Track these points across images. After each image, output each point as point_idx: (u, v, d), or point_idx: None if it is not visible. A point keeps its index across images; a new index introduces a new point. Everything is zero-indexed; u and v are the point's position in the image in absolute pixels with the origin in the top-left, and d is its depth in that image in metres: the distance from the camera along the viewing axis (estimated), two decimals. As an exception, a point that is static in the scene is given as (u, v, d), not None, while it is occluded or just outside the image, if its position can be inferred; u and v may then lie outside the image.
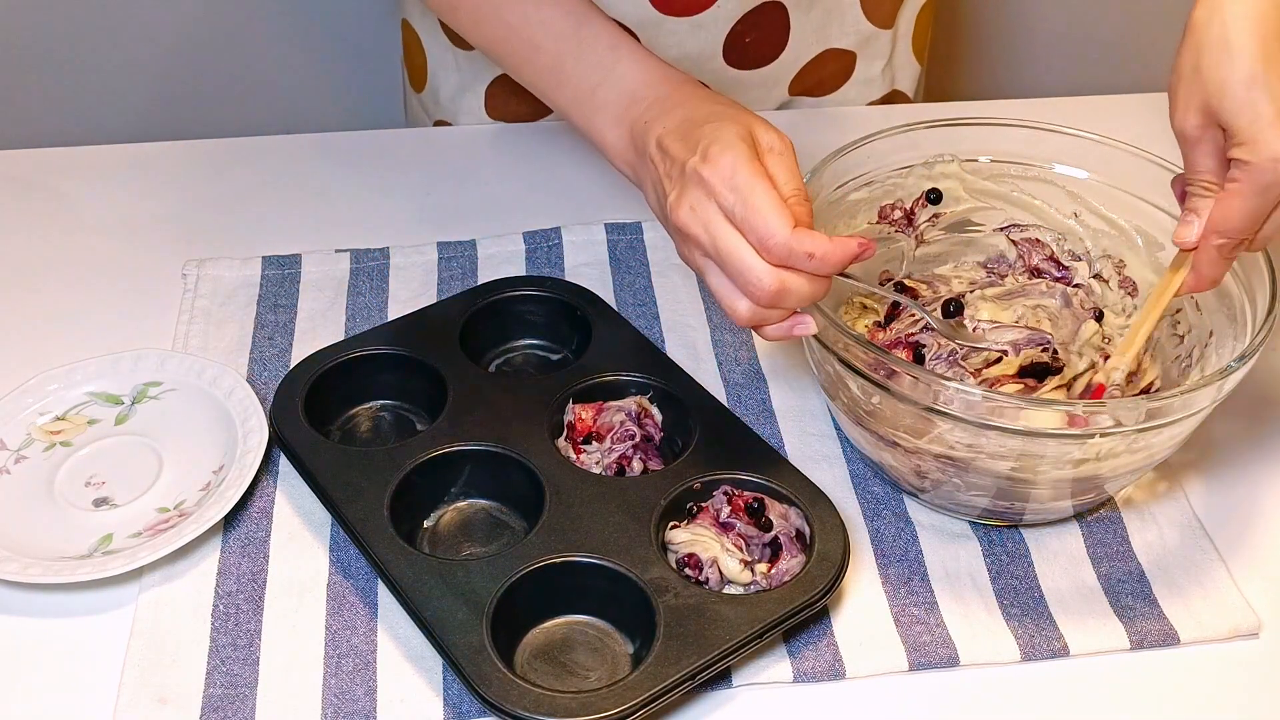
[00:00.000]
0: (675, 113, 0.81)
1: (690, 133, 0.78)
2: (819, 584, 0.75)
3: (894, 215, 0.92)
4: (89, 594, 0.78)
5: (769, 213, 0.73)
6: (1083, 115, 0.85)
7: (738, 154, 0.75)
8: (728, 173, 0.74)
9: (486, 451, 0.83)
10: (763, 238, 0.73)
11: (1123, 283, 0.90)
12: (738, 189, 0.74)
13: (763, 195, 0.73)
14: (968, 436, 0.75)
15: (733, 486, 0.81)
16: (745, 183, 0.74)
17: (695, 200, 0.75)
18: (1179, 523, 0.84)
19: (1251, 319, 0.79)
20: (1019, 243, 0.93)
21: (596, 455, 0.83)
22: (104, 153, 1.12)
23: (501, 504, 0.83)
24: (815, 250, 0.72)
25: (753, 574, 0.77)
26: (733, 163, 0.74)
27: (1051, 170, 0.91)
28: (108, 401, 0.89)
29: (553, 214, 1.05)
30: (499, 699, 0.69)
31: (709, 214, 0.75)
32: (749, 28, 1.10)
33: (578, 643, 0.75)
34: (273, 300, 0.97)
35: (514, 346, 0.94)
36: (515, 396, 0.86)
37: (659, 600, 0.73)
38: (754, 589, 0.77)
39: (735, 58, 1.12)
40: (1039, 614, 0.78)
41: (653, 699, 0.69)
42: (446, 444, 0.83)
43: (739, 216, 0.74)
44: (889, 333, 0.88)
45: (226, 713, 0.73)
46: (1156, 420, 0.73)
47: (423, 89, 1.21)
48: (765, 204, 0.73)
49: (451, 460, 0.82)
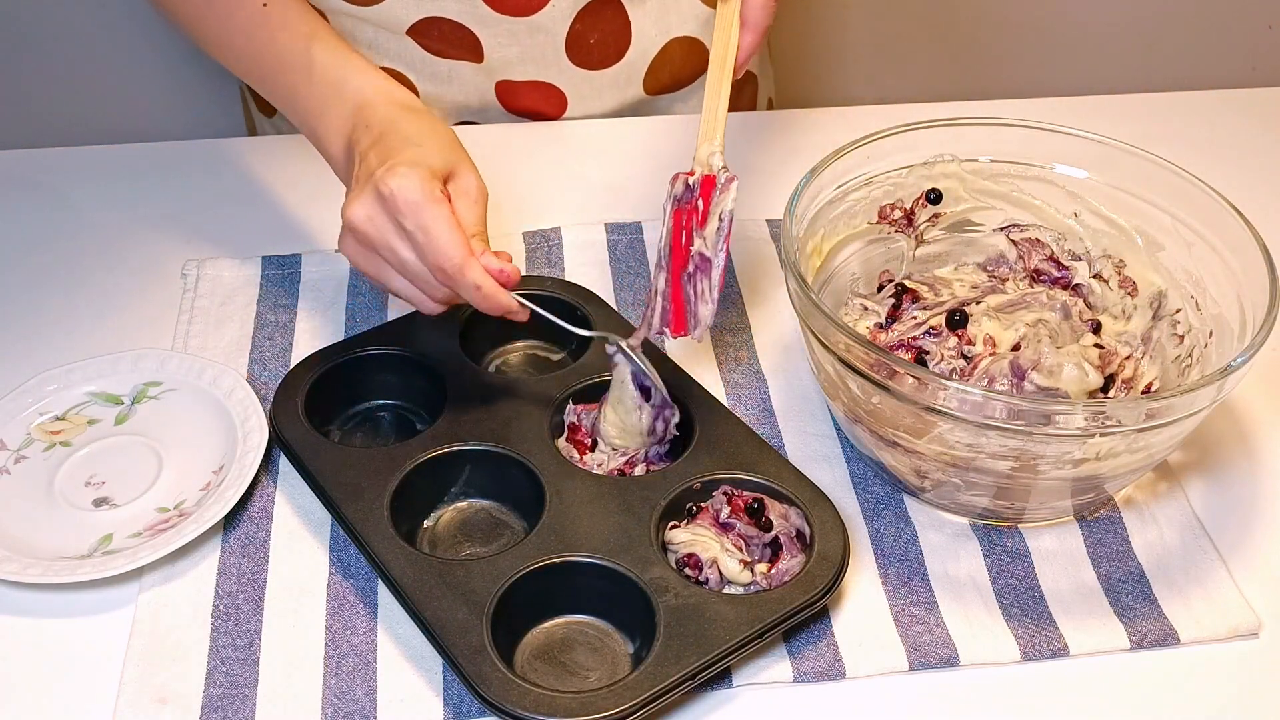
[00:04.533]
0: (388, 130, 0.84)
1: (390, 150, 0.81)
2: (819, 584, 0.75)
3: (894, 215, 0.92)
4: (89, 594, 0.78)
5: (444, 238, 0.78)
6: (1083, 115, 0.85)
7: (417, 179, 0.79)
8: (408, 194, 0.78)
9: (486, 451, 0.83)
10: (439, 261, 0.78)
11: (1123, 283, 0.90)
12: (416, 213, 0.78)
13: (440, 222, 0.78)
14: (968, 436, 0.75)
15: (732, 487, 0.81)
16: (424, 208, 0.78)
17: (374, 212, 0.80)
18: (1179, 523, 0.84)
19: (1252, 319, 0.79)
20: (1019, 243, 0.93)
21: (601, 459, 0.83)
22: (104, 153, 1.13)
23: (501, 504, 0.83)
24: (483, 285, 0.79)
25: (753, 574, 0.77)
26: (413, 186, 0.78)
27: (1051, 170, 0.91)
28: (108, 401, 0.89)
29: (553, 214, 1.05)
30: (499, 699, 0.69)
31: (386, 231, 0.80)
32: (589, 28, 1.10)
33: (578, 643, 0.75)
34: (273, 300, 0.97)
35: (513, 347, 0.94)
36: (515, 397, 0.86)
37: (659, 600, 0.73)
38: (754, 589, 0.77)
39: (581, 58, 1.12)
40: (1039, 614, 0.78)
41: (653, 699, 0.69)
42: (446, 444, 0.83)
43: (418, 240, 0.78)
44: (890, 334, 0.88)
45: (226, 713, 0.73)
46: (1156, 420, 0.73)
47: None
48: (442, 230, 0.78)
49: (451, 460, 0.82)
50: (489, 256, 0.80)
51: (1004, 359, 0.82)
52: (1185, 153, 0.90)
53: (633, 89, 1.16)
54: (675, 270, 0.79)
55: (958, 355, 0.84)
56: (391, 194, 0.78)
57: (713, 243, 0.78)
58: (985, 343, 0.84)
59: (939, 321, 0.86)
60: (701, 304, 0.79)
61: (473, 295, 0.80)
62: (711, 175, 0.78)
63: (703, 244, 0.78)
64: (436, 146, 0.83)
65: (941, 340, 0.85)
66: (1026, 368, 0.80)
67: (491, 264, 0.80)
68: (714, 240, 0.78)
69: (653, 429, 0.83)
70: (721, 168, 0.78)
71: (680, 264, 0.78)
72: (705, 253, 0.78)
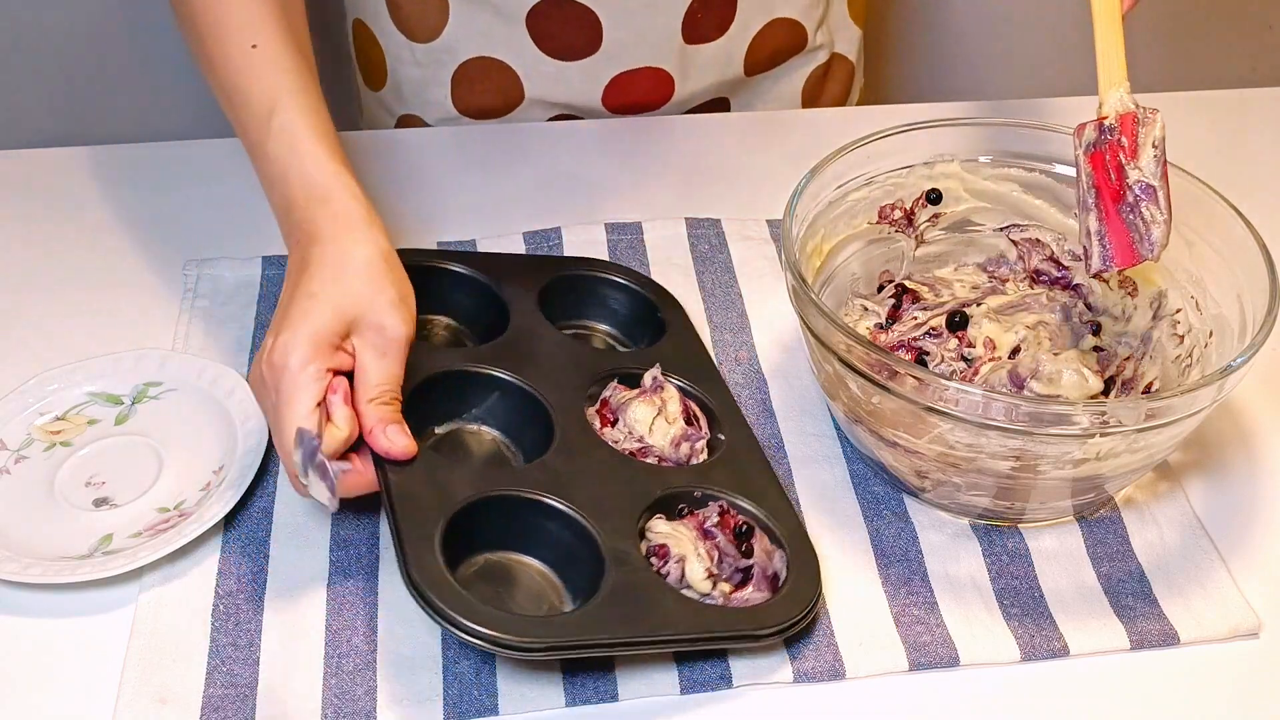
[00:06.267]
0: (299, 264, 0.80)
1: (287, 307, 0.78)
2: (773, 620, 0.73)
3: (894, 215, 0.92)
4: (89, 594, 0.78)
5: (286, 432, 0.74)
6: (1083, 115, 0.84)
7: (294, 360, 0.75)
8: (279, 369, 0.75)
9: (515, 385, 0.83)
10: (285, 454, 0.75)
11: (1123, 283, 0.90)
12: (280, 391, 0.75)
13: (290, 413, 0.74)
14: (968, 436, 0.75)
15: (730, 506, 0.80)
16: (287, 389, 0.74)
17: (267, 373, 0.76)
18: (1179, 523, 0.84)
19: (1251, 319, 0.79)
20: (1019, 243, 0.93)
21: (619, 436, 0.83)
22: (104, 153, 1.12)
23: (510, 440, 0.84)
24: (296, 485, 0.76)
25: (713, 587, 0.76)
26: (287, 364, 0.75)
27: (1051, 170, 0.91)
28: (108, 401, 0.89)
29: (553, 214, 1.05)
30: (422, 583, 0.69)
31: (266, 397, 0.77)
32: (702, 5, 1.12)
33: (521, 582, 0.76)
34: (273, 300, 0.97)
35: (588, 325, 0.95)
36: (566, 356, 0.87)
37: (614, 569, 0.73)
38: (708, 601, 0.76)
39: (690, 34, 1.14)
40: (1039, 614, 0.78)
41: (557, 648, 0.69)
42: (483, 365, 0.84)
43: (278, 416, 0.75)
44: (890, 335, 0.88)
45: (226, 713, 0.73)
46: (1156, 420, 0.73)
47: (382, 86, 1.21)
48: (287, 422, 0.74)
49: (483, 382, 0.83)
50: (379, 432, 0.76)
51: (1002, 369, 0.82)
52: (1185, 153, 0.89)
53: (733, 69, 1.18)
54: (1110, 207, 0.80)
55: (958, 357, 0.85)
56: (270, 367, 0.76)
57: (1151, 170, 0.79)
58: (985, 345, 0.84)
59: (939, 323, 0.86)
60: (1154, 227, 0.80)
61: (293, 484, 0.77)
62: (1132, 112, 0.80)
63: (1139, 174, 0.80)
64: (340, 293, 0.77)
65: (942, 342, 0.85)
66: (1025, 376, 0.80)
67: (379, 442, 0.76)
68: (1152, 168, 0.79)
69: (676, 445, 0.83)
70: (1136, 105, 0.81)
71: (1115, 198, 0.80)
72: (1146, 180, 0.80)
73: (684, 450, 0.83)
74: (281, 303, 0.79)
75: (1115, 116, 0.81)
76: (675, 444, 0.83)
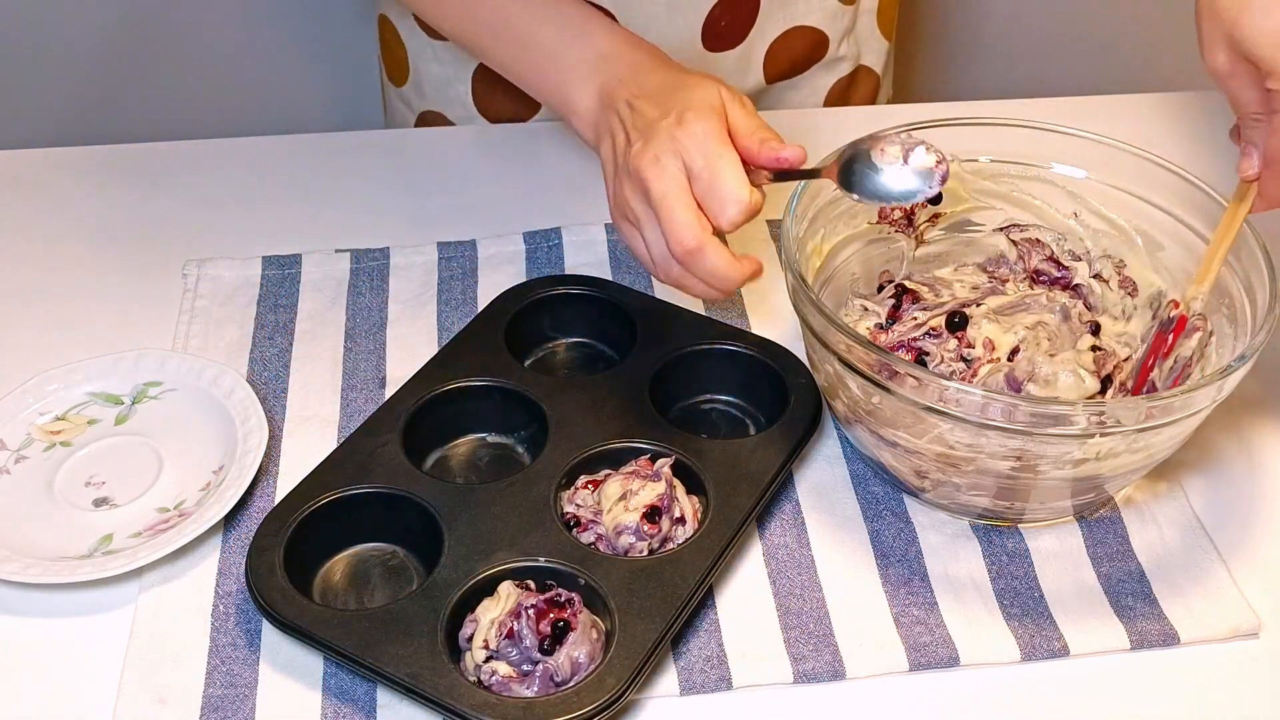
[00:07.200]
0: (648, 77, 0.86)
1: (664, 98, 0.83)
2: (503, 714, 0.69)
3: (894, 215, 0.92)
4: (89, 594, 0.78)
5: (731, 181, 0.78)
6: (1082, 115, 0.85)
7: (710, 124, 0.80)
8: (701, 139, 0.79)
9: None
10: (722, 202, 0.79)
11: (1123, 283, 0.90)
12: (707, 155, 0.79)
13: (728, 166, 0.79)
14: (968, 436, 0.75)
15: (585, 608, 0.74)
16: (715, 150, 0.79)
17: (662, 153, 0.80)
18: (1179, 523, 0.84)
19: (1251, 319, 0.79)
20: (1019, 243, 0.93)
21: (587, 500, 0.81)
22: (104, 153, 1.13)
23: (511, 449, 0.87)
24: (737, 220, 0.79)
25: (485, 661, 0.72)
26: (705, 131, 0.80)
27: (1051, 170, 0.91)
28: (108, 401, 0.89)
29: (553, 214, 1.05)
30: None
31: (673, 169, 0.80)
32: (724, 11, 1.12)
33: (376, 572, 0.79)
34: (273, 300, 0.98)
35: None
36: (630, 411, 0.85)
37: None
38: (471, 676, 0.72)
39: (710, 41, 1.14)
40: (1039, 614, 0.78)
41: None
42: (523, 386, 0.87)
43: (704, 181, 0.79)
44: (890, 335, 0.88)
45: (226, 713, 0.73)
46: (1156, 420, 0.73)
47: (404, 83, 1.21)
48: (729, 174, 0.79)
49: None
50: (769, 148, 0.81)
51: (999, 372, 0.82)
52: (1185, 153, 0.90)
53: (753, 76, 1.18)
54: (1138, 383, 0.83)
55: (957, 358, 0.85)
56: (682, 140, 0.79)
57: (1164, 380, 0.82)
58: (984, 345, 0.84)
59: (939, 323, 0.86)
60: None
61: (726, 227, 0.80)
62: (1185, 316, 0.82)
63: (1158, 374, 0.82)
64: (701, 84, 0.84)
65: (941, 342, 0.85)
66: (1022, 379, 0.81)
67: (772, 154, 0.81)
68: (1165, 377, 0.82)
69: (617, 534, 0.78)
70: (1198, 314, 0.82)
71: (1142, 382, 0.82)
72: (1157, 384, 0.82)
73: (623, 542, 0.77)
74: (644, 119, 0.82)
75: (1177, 314, 0.82)
76: (617, 532, 0.78)
